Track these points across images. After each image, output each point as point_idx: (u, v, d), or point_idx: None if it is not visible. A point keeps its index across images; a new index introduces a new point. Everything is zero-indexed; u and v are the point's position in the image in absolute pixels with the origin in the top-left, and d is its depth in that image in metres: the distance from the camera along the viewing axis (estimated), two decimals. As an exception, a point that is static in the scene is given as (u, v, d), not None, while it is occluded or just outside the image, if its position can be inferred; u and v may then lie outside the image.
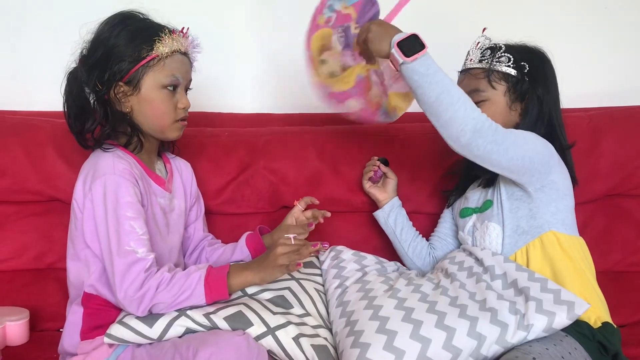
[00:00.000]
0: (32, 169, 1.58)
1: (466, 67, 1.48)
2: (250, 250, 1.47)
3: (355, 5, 1.44)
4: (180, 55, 1.33)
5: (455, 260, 1.42)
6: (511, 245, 1.37)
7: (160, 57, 1.29)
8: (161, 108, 1.32)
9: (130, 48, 1.28)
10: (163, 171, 1.44)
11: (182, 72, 1.33)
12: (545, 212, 1.35)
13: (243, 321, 1.20)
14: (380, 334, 1.19)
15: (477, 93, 1.42)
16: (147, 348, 1.22)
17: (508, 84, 1.42)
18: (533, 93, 1.42)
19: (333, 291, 1.42)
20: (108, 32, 1.29)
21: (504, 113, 1.43)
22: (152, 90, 1.31)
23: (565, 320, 1.18)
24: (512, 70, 1.41)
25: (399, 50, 1.26)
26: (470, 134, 1.24)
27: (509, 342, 1.18)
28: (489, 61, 1.43)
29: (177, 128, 1.36)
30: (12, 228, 1.62)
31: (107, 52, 1.28)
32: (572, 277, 1.31)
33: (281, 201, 1.70)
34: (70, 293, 1.35)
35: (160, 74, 1.30)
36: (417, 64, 1.25)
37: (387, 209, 1.61)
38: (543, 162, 1.33)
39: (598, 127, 1.71)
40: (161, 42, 1.29)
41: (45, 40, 1.84)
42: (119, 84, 1.29)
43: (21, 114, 1.69)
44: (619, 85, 2.00)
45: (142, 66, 1.29)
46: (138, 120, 1.33)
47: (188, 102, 1.36)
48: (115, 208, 1.22)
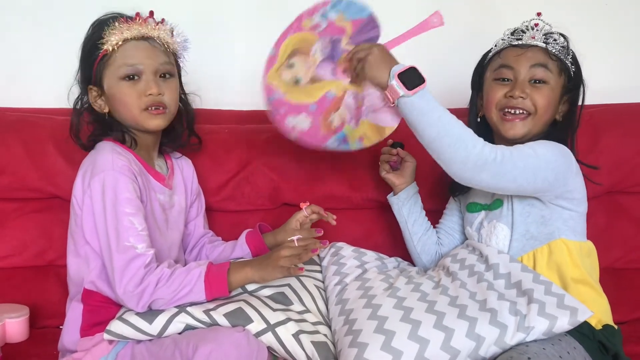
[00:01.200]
0: (32, 166, 1.58)
1: (529, 42, 1.37)
2: (250, 247, 1.47)
3: (354, 22, 1.36)
4: (136, 42, 1.29)
5: (457, 257, 1.41)
6: (518, 248, 1.35)
7: (110, 51, 1.28)
8: (124, 100, 1.30)
9: (86, 50, 1.30)
10: (164, 168, 1.44)
11: (141, 57, 1.29)
12: (558, 220, 1.33)
13: (243, 318, 1.20)
14: (378, 334, 1.19)
15: (543, 69, 1.35)
16: (147, 344, 1.22)
17: (565, 79, 1.37)
18: (572, 96, 1.39)
19: (332, 288, 1.42)
20: (82, 43, 1.32)
21: (556, 106, 1.38)
22: (113, 85, 1.30)
23: (566, 326, 1.17)
24: (572, 66, 1.38)
25: (400, 82, 1.23)
26: (473, 170, 1.23)
27: (508, 344, 1.17)
28: (557, 49, 1.36)
29: (148, 117, 1.31)
30: (12, 225, 1.62)
31: (81, 59, 1.32)
32: (577, 284, 1.30)
33: (281, 198, 1.70)
34: (70, 290, 1.35)
35: (114, 67, 1.29)
36: (418, 97, 1.23)
37: (402, 197, 1.54)
38: (559, 176, 1.29)
39: (598, 124, 1.71)
40: (109, 34, 1.28)
41: (45, 38, 1.84)
42: (90, 88, 1.32)
43: (21, 111, 1.69)
44: (619, 82, 2.00)
45: (98, 65, 1.29)
46: (116, 118, 1.34)
47: (155, 89, 1.29)
48: (114, 204, 1.22)
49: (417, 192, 1.57)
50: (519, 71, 1.37)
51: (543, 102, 1.34)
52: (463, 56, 1.53)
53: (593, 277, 1.34)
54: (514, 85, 1.37)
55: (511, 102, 1.36)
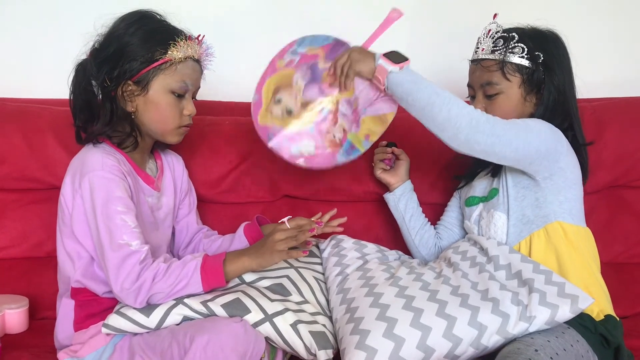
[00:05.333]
0: (32, 157, 1.58)
1: (478, 57, 1.44)
2: (248, 239, 1.47)
3: (324, 47, 1.43)
4: (193, 62, 1.32)
5: (459, 249, 1.41)
6: (516, 234, 1.36)
7: (172, 62, 1.28)
8: (167, 112, 1.31)
9: (144, 48, 1.27)
10: (154, 169, 1.43)
11: (193, 79, 1.33)
12: (553, 202, 1.34)
13: (240, 308, 1.20)
14: (380, 321, 1.19)
15: (490, 86, 1.40)
16: (145, 336, 1.22)
17: (523, 76, 1.39)
18: (550, 82, 1.38)
19: (333, 279, 1.42)
20: (123, 29, 1.28)
21: (519, 105, 1.41)
22: (160, 94, 1.30)
23: (568, 314, 1.18)
24: (526, 61, 1.38)
25: (386, 59, 1.30)
26: (468, 130, 1.25)
27: (510, 333, 1.17)
28: (502, 52, 1.39)
29: (179, 133, 1.36)
30: (12, 216, 1.62)
31: (120, 49, 1.27)
32: (575, 268, 1.30)
33: (281, 191, 1.70)
34: (59, 287, 1.36)
35: (170, 79, 1.29)
36: (405, 70, 1.29)
37: (398, 193, 1.58)
38: (550, 149, 1.31)
39: (601, 117, 1.70)
40: (176, 46, 1.28)
41: (47, 28, 1.84)
42: (127, 83, 1.29)
43: (21, 101, 1.68)
44: (623, 75, 1.99)
45: (154, 68, 1.28)
46: (141, 121, 1.33)
47: (194, 110, 1.35)
48: (105, 204, 1.21)
49: (412, 190, 1.60)
50: (475, 89, 1.45)
51: (500, 112, 1.37)
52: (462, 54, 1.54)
53: (592, 263, 1.34)
54: (474, 103, 1.45)
55: None
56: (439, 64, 1.92)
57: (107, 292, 1.29)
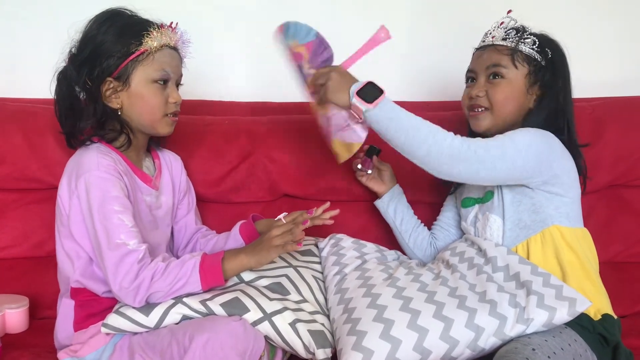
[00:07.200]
0: (32, 157, 1.58)
1: (487, 43, 1.44)
2: (244, 238, 1.46)
3: (307, 45, 1.41)
4: (170, 50, 1.33)
5: (457, 251, 1.41)
6: (512, 238, 1.36)
7: (149, 52, 1.29)
8: (152, 102, 1.31)
9: (118, 43, 1.28)
10: (151, 168, 1.43)
11: (172, 66, 1.33)
12: (549, 206, 1.33)
13: (239, 307, 1.20)
14: (377, 323, 1.19)
15: (497, 67, 1.40)
16: (144, 335, 1.22)
17: (530, 67, 1.39)
18: (554, 83, 1.39)
19: (332, 278, 1.42)
20: (96, 29, 1.29)
21: (520, 96, 1.40)
22: (142, 85, 1.30)
23: (565, 317, 1.17)
24: (537, 54, 1.39)
25: (359, 98, 1.28)
26: (450, 162, 1.25)
27: (508, 335, 1.17)
28: (514, 40, 1.39)
29: (168, 123, 1.35)
30: (12, 216, 1.62)
31: (95, 48, 1.28)
32: (573, 270, 1.30)
33: (281, 190, 1.70)
34: (60, 287, 1.36)
35: (149, 68, 1.29)
36: (379, 108, 1.27)
37: (386, 200, 1.59)
38: (541, 161, 1.30)
39: (601, 117, 1.70)
40: (149, 36, 1.28)
41: (45, 28, 1.84)
42: (108, 80, 1.29)
43: (21, 101, 1.69)
44: (622, 75, 1.99)
45: (132, 61, 1.28)
46: (128, 117, 1.33)
47: (179, 97, 1.35)
48: (102, 204, 1.22)
49: (401, 192, 1.61)
50: (478, 72, 1.44)
51: (499, 96, 1.39)
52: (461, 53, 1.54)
53: (590, 264, 1.34)
54: (474, 86, 1.44)
55: (472, 101, 1.44)
56: (439, 63, 1.92)
57: (106, 292, 1.29)
